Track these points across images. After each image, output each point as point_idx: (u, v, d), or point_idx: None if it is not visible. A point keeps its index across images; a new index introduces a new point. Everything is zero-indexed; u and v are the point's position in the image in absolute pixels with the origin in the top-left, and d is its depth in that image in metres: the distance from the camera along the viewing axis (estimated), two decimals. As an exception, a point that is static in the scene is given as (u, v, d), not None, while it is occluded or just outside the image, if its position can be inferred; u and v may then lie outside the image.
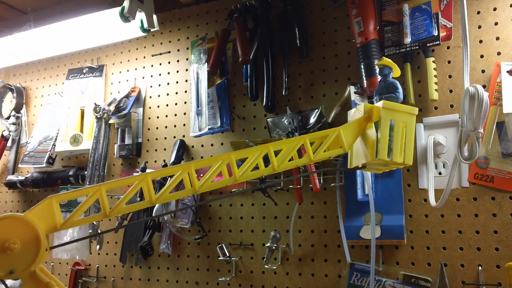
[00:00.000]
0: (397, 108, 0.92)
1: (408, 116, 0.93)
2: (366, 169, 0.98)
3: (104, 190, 0.79)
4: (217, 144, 1.55)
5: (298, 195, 1.32)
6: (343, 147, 0.90)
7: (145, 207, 0.86)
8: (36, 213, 0.75)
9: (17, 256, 0.72)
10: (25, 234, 0.73)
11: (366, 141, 0.93)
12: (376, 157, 0.90)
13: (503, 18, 1.19)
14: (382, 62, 1.02)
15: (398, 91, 0.98)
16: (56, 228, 0.76)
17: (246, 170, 0.86)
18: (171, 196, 0.83)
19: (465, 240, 1.16)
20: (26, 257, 0.73)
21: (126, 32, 1.59)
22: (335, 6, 1.40)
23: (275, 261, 1.39)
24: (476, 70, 1.20)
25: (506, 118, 1.14)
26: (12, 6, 1.97)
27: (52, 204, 0.76)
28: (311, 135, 0.90)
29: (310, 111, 1.38)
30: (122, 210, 0.80)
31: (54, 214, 0.76)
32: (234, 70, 1.56)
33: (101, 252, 1.71)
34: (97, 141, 1.67)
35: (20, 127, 1.97)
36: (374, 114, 0.92)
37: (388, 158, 0.90)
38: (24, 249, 0.73)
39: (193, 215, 1.51)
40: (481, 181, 1.16)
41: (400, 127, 0.91)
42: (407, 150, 0.92)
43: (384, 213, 1.23)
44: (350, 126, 0.92)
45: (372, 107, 0.93)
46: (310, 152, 0.88)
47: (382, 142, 0.89)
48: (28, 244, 0.73)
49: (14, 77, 2.09)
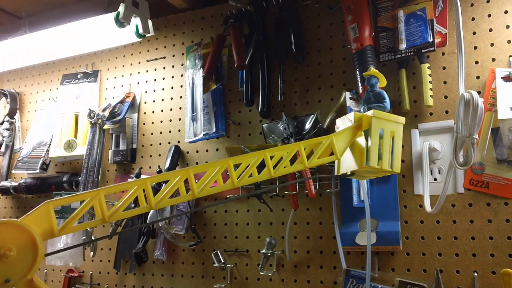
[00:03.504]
0: (386, 117, 0.95)
1: (396, 125, 0.97)
2: (353, 176, 1.01)
3: (103, 195, 0.77)
4: (212, 150, 1.55)
5: (294, 201, 1.32)
6: (335, 154, 0.93)
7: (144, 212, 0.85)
8: (33, 219, 0.72)
9: (13, 263, 0.69)
10: (21, 240, 0.70)
11: (354, 149, 0.96)
12: (367, 164, 0.93)
13: (497, 24, 1.19)
14: (369, 72, 1.06)
15: (386, 101, 1.03)
16: (53, 234, 0.74)
17: (244, 176, 0.86)
18: (170, 201, 0.82)
19: (461, 246, 1.16)
20: (23, 265, 0.70)
21: (121, 38, 1.59)
22: (331, 12, 1.40)
23: (270, 268, 1.38)
24: (471, 76, 1.20)
25: (501, 124, 1.14)
26: (7, 11, 1.96)
27: (50, 209, 0.73)
28: (305, 142, 0.92)
29: (305, 116, 1.38)
30: (121, 215, 0.79)
31: (52, 220, 0.73)
32: (230, 76, 1.55)
33: (95, 259, 1.69)
34: (91, 146, 1.66)
35: (13, 132, 1.96)
36: (364, 123, 0.95)
37: (378, 166, 0.93)
38: (20, 256, 0.70)
39: (188, 221, 1.50)
40: (476, 187, 1.16)
41: (389, 136, 0.95)
42: (396, 158, 0.97)
43: (380, 219, 1.23)
44: (342, 133, 0.94)
45: (362, 116, 0.95)
46: (304, 159, 0.90)
47: (373, 150, 0.93)
48: (25, 251, 0.70)
49: (8, 83, 2.08)
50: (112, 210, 0.78)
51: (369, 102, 1.04)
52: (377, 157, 0.94)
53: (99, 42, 1.65)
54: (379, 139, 0.94)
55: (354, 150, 0.96)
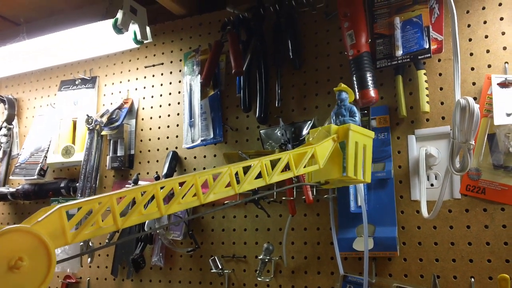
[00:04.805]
0: (360, 131, 1.03)
1: (368, 139, 1.05)
2: (327, 186, 1.07)
3: (115, 199, 0.73)
4: (210, 156, 1.55)
5: (291, 207, 1.32)
6: (318, 164, 0.97)
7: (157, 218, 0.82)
8: (45, 225, 0.65)
9: (25, 274, 0.62)
10: (33, 249, 0.63)
11: (331, 159, 1.00)
12: (344, 174, 0.99)
13: (493, 31, 1.20)
14: (340, 88, 1.13)
15: (357, 115, 1.10)
16: (66, 241, 0.68)
17: (243, 182, 0.87)
18: (180, 206, 0.80)
19: (458, 251, 1.16)
20: (36, 276, 0.63)
21: (119, 44, 1.60)
22: (328, 18, 1.41)
23: (268, 274, 1.38)
24: (467, 83, 1.21)
25: (497, 130, 1.14)
26: (5, 17, 1.97)
27: (62, 215, 0.67)
28: (294, 151, 0.96)
29: (303, 122, 1.38)
30: (134, 221, 0.75)
31: (64, 226, 0.67)
32: (227, 82, 1.56)
33: (92, 265, 1.69)
34: (89, 152, 1.66)
35: (11, 138, 1.96)
36: (341, 135, 1.01)
37: (354, 176, 1.00)
38: (33, 267, 0.63)
39: (186, 227, 1.50)
40: (473, 193, 1.17)
41: (361, 148, 1.02)
42: (367, 169, 1.04)
43: (377, 225, 1.23)
44: (323, 145, 0.99)
45: (339, 128, 1.02)
46: (293, 167, 0.93)
47: (350, 161, 0.99)
48: (37, 261, 0.63)
49: (6, 88, 2.08)
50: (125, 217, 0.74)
51: (338, 114, 1.11)
52: (354, 167, 1.00)
53: (97, 48, 1.66)
54: (355, 151, 1.01)
55: (331, 160, 1.00)
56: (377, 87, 1.26)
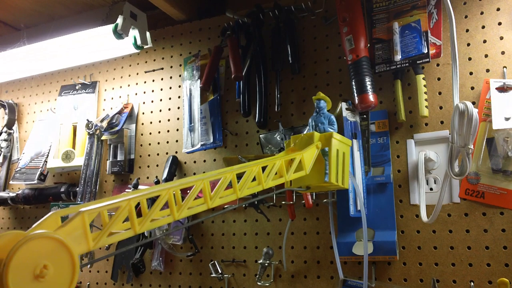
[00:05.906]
0: (341, 139, 1.07)
1: (346, 147, 1.09)
2: (308, 190, 1.11)
3: (133, 203, 0.71)
4: (209, 160, 1.55)
5: (291, 211, 1.32)
6: (305, 169, 1.00)
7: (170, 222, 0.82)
8: (68, 231, 0.63)
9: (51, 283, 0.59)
10: (58, 256, 0.60)
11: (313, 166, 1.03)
12: (326, 180, 1.04)
13: (491, 36, 1.21)
14: (318, 96, 1.19)
15: (335, 124, 1.16)
16: (88, 247, 0.65)
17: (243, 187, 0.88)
18: (190, 210, 0.80)
19: (457, 255, 1.17)
20: (60, 284, 0.61)
21: (120, 49, 1.60)
22: (327, 23, 1.42)
23: (267, 278, 1.38)
24: (465, 87, 1.21)
25: (496, 134, 1.15)
26: (6, 23, 1.98)
27: (85, 220, 0.65)
28: (285, 157, 0.98)
29: (302, 127, 1.39)
30: (151, 225, 0.74)
31: (87, 232, 0.65)
32: (227, 87, 1.56)
33: (92, 270, 1.69)
34: (89, 157, 1.67)
35: (11, 143, 1.96)
36: (323, 142, 1.05)
37: (336, 182, 1.04)
38: (58, 274, 0.60)
39: (185, 231, 1.50)
40: (472, 197, 1.17)
41: (342, 155, 1.07)
42: (345, 175, 1.08)
43: (376, 229, 1.24)
44: (308, 151, 1.02)
45: (322, 136, 1.06)
46: (284, 172, 0.96)
47: (332, 168, 1.04)
48: (62, 268, 0.61)
49: (6, 93, 2.09)
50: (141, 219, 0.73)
51: (317, 121, 1.17)
52: (336, 174, 1.04)
53: (98, 53, 1.66)
54: (336, 158, 1.05)
55: (313, 166, 1.03)
56: (376, 91, 1.27)
